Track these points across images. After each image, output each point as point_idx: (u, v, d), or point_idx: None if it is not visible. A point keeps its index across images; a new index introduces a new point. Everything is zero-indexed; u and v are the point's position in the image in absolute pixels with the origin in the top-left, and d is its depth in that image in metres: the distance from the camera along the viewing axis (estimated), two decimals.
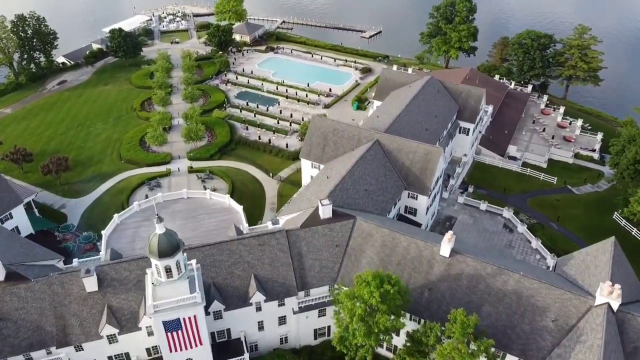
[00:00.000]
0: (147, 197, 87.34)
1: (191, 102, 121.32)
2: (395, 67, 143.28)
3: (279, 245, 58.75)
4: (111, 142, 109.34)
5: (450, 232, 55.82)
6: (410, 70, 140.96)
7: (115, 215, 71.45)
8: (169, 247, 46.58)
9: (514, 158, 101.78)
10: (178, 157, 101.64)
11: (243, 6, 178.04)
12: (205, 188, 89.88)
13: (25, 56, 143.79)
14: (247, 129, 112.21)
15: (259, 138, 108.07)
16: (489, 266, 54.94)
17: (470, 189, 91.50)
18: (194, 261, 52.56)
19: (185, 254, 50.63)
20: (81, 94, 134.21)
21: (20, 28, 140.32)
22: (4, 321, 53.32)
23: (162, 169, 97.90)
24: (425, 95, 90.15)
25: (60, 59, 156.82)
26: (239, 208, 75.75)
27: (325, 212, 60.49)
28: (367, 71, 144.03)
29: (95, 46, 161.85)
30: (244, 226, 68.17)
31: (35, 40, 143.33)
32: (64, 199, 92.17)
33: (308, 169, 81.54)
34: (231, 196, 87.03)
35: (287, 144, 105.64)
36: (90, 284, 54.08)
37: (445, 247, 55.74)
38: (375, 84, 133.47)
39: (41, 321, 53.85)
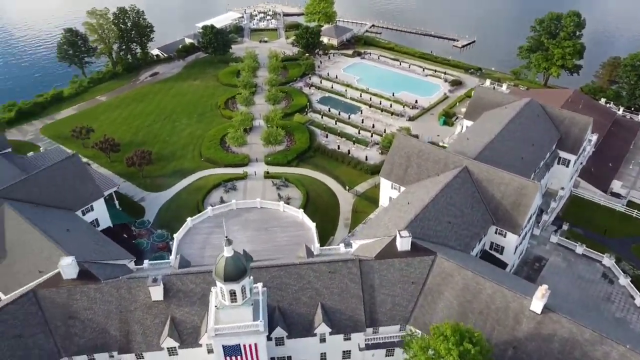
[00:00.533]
0: (222, 200, 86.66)
1: (274, 104, 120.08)
2: (488, 82, 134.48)
3: (350, 275, 54.75)
4: (194, 138, 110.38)
5: (544, 287, 49.03)
6: (504, 87, 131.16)
7: (189, 219, 70.76)
8: (236, 271, 44.02)
9: (618, 195, 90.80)
10: (256, 160, 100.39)
11: (333, 8, 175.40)
12: (279, 196, 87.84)
13: (123, 47, 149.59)
14: (327, 136, 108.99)
15: (338, 147, 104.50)
16: (588, 331, 47.64)
17: (565, 227, 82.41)
18: (260, 285, 49.85)
19: (251, 278, 47.98)
20: (171, 87, 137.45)
21: (121, 20, 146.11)
22: (73, 319, 53.49)
23: (239, 171, 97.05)
24: (522, 119, 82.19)
25: (155, 51, 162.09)
26: (312, 225, 72.50)
27: (404, 244, 55.65)
28: (457, 84, 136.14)
29: (188, 40, 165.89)
30: (315, 246, 64.76)
31: (133, 32, 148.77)
32: (144, 191, 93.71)
33: (387, 189, 76.80)
34: (305, 207, 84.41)
35: (366, 157, 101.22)
36: (157, 293, 53.00)
37: (538, 302, 49.06)
38: (465, 99, 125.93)
39: (107, 324, 53.51)
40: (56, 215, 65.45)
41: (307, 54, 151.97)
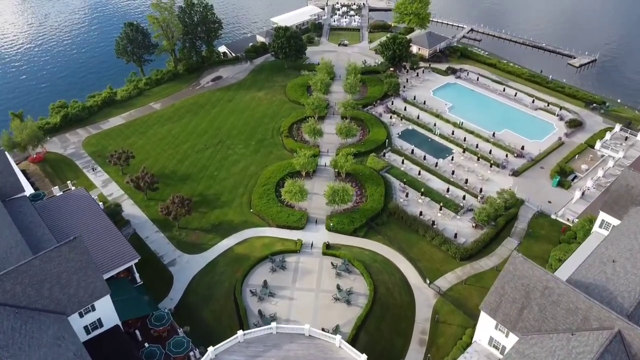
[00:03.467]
0: (265, 284, 67.34)
1: (345, 137, 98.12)
2: (618, 127, 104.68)
3: None
4: (246, 177, 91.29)
5: None
6: (639, 137, 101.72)
7: (210, 349, 51.65)
8: None
9: None
10: (315, 223, 79.76)
11: (428, 9, 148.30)
12: (339, 288, 67.15)
13: (187, 44, 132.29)
14: (407, 195, 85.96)
15: (420, 214, 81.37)
16: None
17: None
18: None
19: None
20: (232, 98, 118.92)
21: (187, 14, 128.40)
22: None
23: (293, 235, 77.05)
24: None
25: (222, 48, 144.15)
26: None
27: None
28: (576, 124, 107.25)
29: (259, 38, 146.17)
30: None
31: (199, 28, 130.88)
32: (176, 250, 76.34)
33: (489, 328, 53.73)
34: (370, 309, 63.64)
35: (456, 234, 77.59)
36: None
37: None
38: (586, 150, 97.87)
39: None
40: (37, 324, 48.63)
41: (391, 68, 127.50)
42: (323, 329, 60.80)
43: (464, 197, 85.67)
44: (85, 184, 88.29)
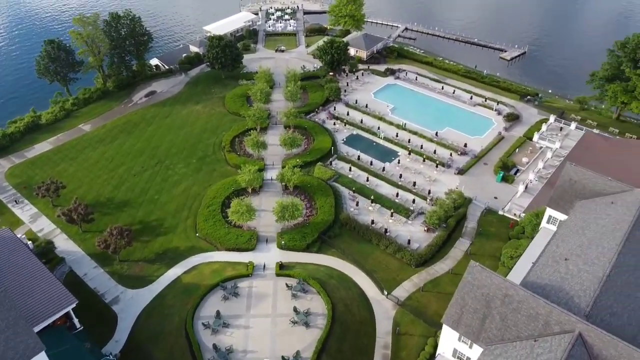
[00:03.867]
0: (218, 314, 63.44)
1: (290, 148, 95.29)
2: (552, 118, 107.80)
3: None
4: (189, 198, 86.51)
5: None
6: (573, 126, 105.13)
7: None
8: None
9: None
10: (265, 242, 76.45)
11: (362, 11, 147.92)
12: (296, 310, 64.28)
13: (116, 59, 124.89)
14: (357, 203, 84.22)
15: (372, 222, 79.84)
16: None
17: None
18: None
19: None
20: (168, 113, 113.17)
21: (114, 27, 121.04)
22: None
23: (243, 258, 73.41)
24: None
25: (154, 61, 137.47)
26: None
27: None
28: (513, 118, 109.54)
29: (193, 49, 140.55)
30: None
31: (128, 42, 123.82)
32: (118, 286, 70.79)
33: (452, 340, 52.61)
34: (330, 329, 61.21)
35: (409, 240, 76.57)
36: None
37: None
38: (526, 142, 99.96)
39: None
40: None
41: (331, 73, 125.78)
42: (283, 358, 57.88)
43: (413, 201, 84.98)
44: (11, 221, 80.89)
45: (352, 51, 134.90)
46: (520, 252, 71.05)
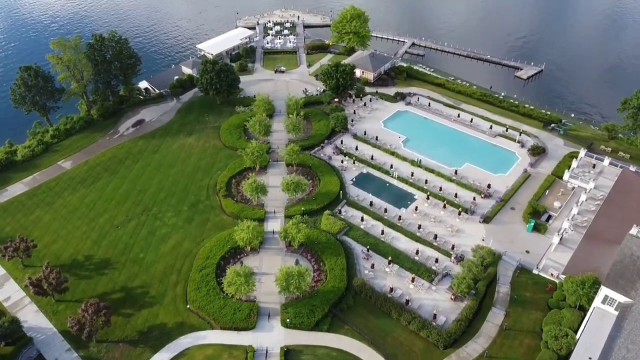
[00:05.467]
0: None
1: (294, 193, 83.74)
2: (582, 152, 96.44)
3: None
4: (179, 257, 74.93)
5: None
6: (607, 161, 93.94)
7: None
8: None
9: None
10: (267, 317, 64.93)
11: (367, 27, 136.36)
12: None
13: (100, 85, 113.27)
14: (372, 266, 72.67)
15: (391, 291, 68.33)
16: None
17: None
18: None
19: None
20: (157, 147, 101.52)
21: (97, 51, 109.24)
22: None
23: (242, 340, 61.93)
24: None
25: (143, 84, 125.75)
26: None
27: None
28: (539, 152, 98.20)
29: (185, 70, 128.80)
30: None
31: (113, 65, 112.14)
32: None
33: None
34: None
35: (435, 314, 65.14)
36: None
37: None
38: (556, 182, 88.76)
39: None
40: None
41: (336, 99, 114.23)
42: None
43: (436, 260, 73.54)
44: None
45: (357, 72, 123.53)
46: (566, 330, 60.14)
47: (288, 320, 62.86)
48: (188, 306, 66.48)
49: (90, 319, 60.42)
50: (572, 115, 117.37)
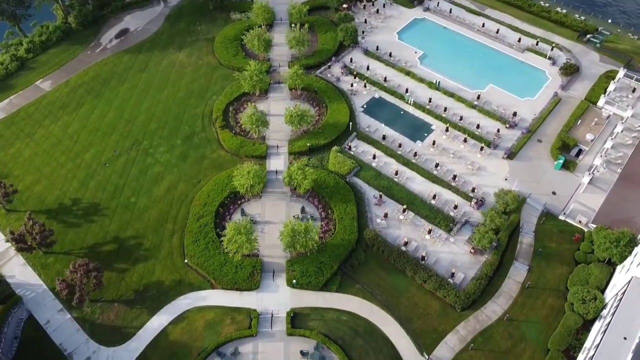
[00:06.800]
0: None
1: (298, 125, 73.52)
2: (621, 72, 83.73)
3: None
4: (174, 202, 67.24)
5: None
6: None
7: None
8: None
9: None
10: (272, 276, 58.96)
11: None
12: None
13: None
14: (385, 215, 64.98)
15: (405, 244, 61.51)
16: None
17: None
18: None
19: None
20: (145, 64, 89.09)
21: None
22: None
23: (244, 302, 56.60)
24: None
25: None
26: None
27: None
28: (572, 71, 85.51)
29: None
30: None
31: None
32: (90, 342, 54.88)
33: None
34: None
35: (453, 272, 58.92)
36: None
37: None
38: (589, 109, 78.11)
39: None
40: None
41: (344, 5, 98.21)
42: None
43: (455, 207, 65.78)
44: None
45: None
46: (595, 293, 54.53)
47: (294, 280, 56.88)
48: (186, 261, 60.17)
49: (80, 282, 54.45)
50: (609, 21, 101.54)
